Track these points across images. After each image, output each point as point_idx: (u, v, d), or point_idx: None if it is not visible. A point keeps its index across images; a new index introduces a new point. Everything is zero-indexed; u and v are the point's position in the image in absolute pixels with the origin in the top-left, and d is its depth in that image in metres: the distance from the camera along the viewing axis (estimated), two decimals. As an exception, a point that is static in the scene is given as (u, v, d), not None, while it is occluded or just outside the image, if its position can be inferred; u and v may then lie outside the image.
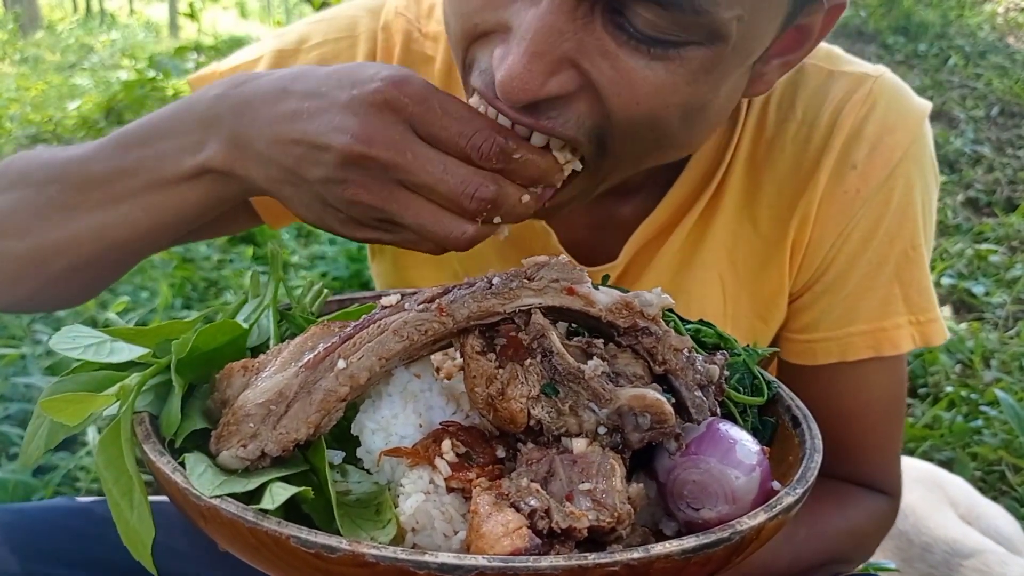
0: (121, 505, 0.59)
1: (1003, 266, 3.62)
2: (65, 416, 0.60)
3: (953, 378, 2.73)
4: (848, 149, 0.94)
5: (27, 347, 2.52)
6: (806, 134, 0.96)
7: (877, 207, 0.95)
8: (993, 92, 5.79)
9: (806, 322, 1.01)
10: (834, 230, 0.96)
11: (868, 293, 0.97)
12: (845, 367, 0.99)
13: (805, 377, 1.01)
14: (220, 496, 0.54)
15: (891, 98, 0.96)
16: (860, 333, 0.98)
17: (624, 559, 0.50)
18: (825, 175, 0.95)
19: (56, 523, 0.98)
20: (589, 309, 0.63)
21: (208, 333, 0.66)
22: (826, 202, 0.95)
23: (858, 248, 0.96)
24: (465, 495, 0.59)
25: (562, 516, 0.55)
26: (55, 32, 11.67)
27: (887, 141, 0.94)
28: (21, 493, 1.96)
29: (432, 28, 1.03)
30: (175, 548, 0.99)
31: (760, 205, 0.98)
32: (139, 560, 0.60)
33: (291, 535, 0.51)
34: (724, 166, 0.97)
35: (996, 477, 2.27)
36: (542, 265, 0.64)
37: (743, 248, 0.99)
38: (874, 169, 0.94)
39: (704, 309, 1.00)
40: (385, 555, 0.49)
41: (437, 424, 0.65)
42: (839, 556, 1.00)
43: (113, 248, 0.85)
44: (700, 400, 0.62)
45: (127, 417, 0.60)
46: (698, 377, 0.62)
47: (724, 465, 0.61)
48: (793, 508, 0.58)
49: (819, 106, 0.96)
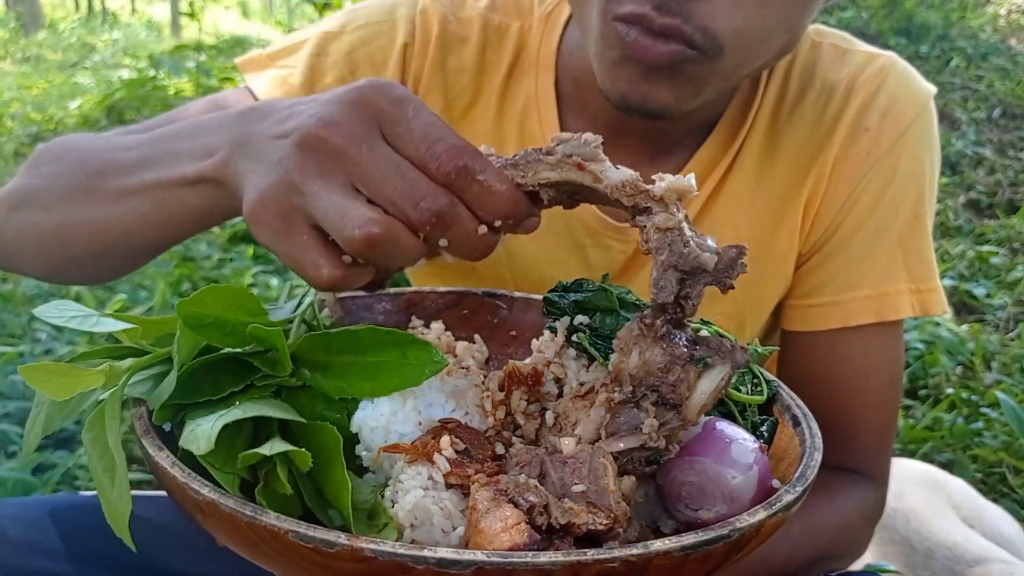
0: (104, 482, 0.60)
1: (1004, 268, 3.62)
2: (48, 388, 0.59)
3: (954, 380, 2.73)
4: (862, 114, 1.02)
5: (26, 345, 2.53)
6: (824, 101, 1.03)
7: (886, 171, 1.01)
8: (995, 94, 5.79)
9: (811, 286, 1.04)
10: (845, 190, 1.01)
11: (872, 259, 1.01)
12: (846, 333, 1.02)
13: (806, 345, 1.05)
14: (219, 493, 0.54)
15: (901, 73, 1.04)
16: (863, 298, 1.01)
17: (623, 555, 0.50)
18: (840, 137, 1.02)
19: (57, 517, 0.98)
20: (597, 186, 0.62)
21: (216, 293, 0.63)
22: (840, 162, 1.02)
23: (866, 210, 1.01)
24: (464, 491, 0.59)
25: (561, 512, 0.55)
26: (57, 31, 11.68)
27: (896, 109, 1.01)
28: (21, 491, 1.97)
29: (466, 14, 1.11)
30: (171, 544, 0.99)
31: (778, 165, 1.04)
32: (118, 534, 0.60)
33: (290, 530, 0.51)
34: (746, 129, 1.04)
35: (997, 479, 2.27)
36: (563, 141, 0.63)
37: (760, 206, 1.04)
38: (884, 133, 1.01)
39: None
40: (383, 550, 0.49)
41: (436, 421, 0.65)
42: (833, 550, 1.00)
43: (124, 238, 0.86)
44: (664, 283, 0.60)
45: (116, 397, 0.61)
46: (674, 259, 0.60)
47: (720, 465, 0.61)
48: (793, 506, 0.58)
49: (836, 77, 1.04)
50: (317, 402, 0.66)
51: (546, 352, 0.73)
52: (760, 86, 1.05)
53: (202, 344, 0.65)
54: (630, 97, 0.88)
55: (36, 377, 0.59)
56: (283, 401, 0.65)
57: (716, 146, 1.05)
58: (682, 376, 0.60)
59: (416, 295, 0.91)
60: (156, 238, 0.86)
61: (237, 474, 0.57)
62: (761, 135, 1.04)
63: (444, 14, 1.10)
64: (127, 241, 0.86)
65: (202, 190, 0.78)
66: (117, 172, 0.85)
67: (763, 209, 1.05)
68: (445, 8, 1.11)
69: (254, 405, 0.60)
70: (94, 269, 0.95)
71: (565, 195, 0.66)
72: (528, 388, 0.68)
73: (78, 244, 0.89)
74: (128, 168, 0.84)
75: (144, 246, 0.89)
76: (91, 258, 0.91)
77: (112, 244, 0.87)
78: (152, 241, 0.87)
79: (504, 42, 1.10)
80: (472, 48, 1.10)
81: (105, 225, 0.86)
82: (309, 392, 0.66)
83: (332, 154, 0.65)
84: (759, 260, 1.05)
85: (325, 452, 0.59)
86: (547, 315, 0.76)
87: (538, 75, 1.09)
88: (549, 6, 1.11)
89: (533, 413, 0.69)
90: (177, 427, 0.63)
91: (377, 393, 0.64)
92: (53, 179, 0.92)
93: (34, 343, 2.55)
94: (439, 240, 0.64)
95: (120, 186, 0.85)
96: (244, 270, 3.15)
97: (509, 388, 0.68)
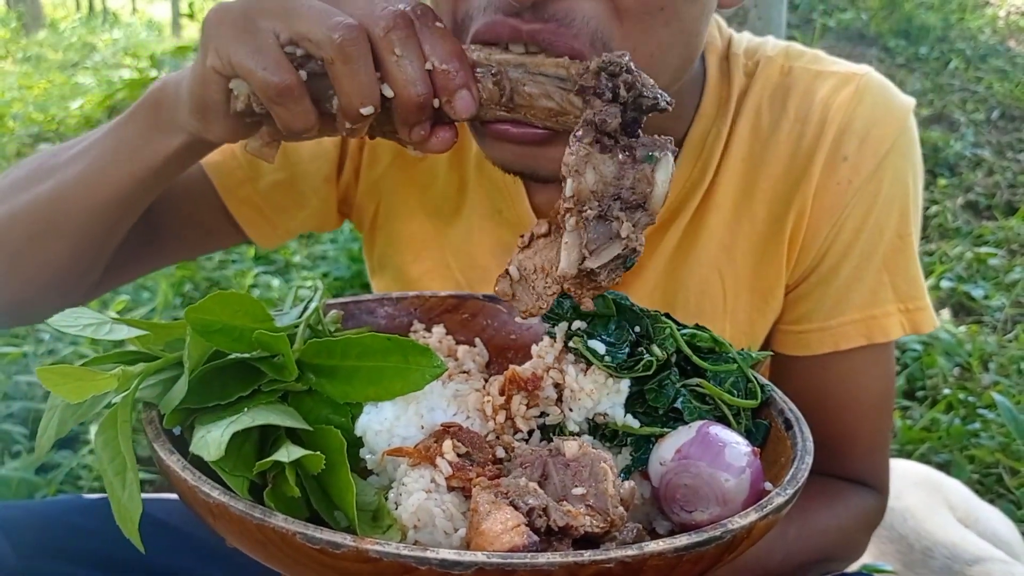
0: (115, 484, 0.62)
1: (1002, 269, 3.63)
2: (64, 391, 0.61)
3: (951, 381, 2.75)
4: (839, 142, 0.99)
5: (30, 345, 2.54)
6: (799, 131, 1.01)
7: (867, 197, 0.99)
8: (994, 96, 5.80)
9: (801, 313, 1.04)
10: (828, 221, 1.00)
11: (859, 283, 1.01)
12: (837, 357, 1.03)
13: (798, 368, 1.05)
14: (229, 496, 0.56)
15: (877, 94, 1.01)
16: (852, 322, 1.02)
17: (619, 556, 0.52)
18: (818, 168, 0.99)
19: (60, 519, 0.99)
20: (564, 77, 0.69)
21: (223, 300, 0.65)
22: (820, 194, 1.00)
23: (851, 238, 1.00)
24: (465, 494, 0.60)
25: (560, 514, 0.57)
26: (58, 31, 11.68)
27: (875, 133, 0.99)
28: (25, 491, 1.98)
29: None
30: (176, 546, 1.01)
31: (757, 201, 1.02)
32: (128, 536, 0.62)
33: (297, 531, 0.52)
34: (714, 164, 1.01)
35: (993, 480, 2.28)
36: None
37: (742, 244, 1.03)
38: (864, 160, 0.99)
39: (703, 304, 1.04)
40: (388, 551, 0.51)
41: (438, 425, 0.67)
42: (830, 554, 1.02)
43: (83, 191, 0.90)
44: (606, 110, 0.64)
45: (128, 401, 0.62)
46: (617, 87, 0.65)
47: (714, 468, 0.63)
48: (784, 508, 0.60)
49: (809, 104, 1.01)
50: (322, 406, 0.68)
51: (545, 357, 0.74)
52: (727, 115, 1.01)
53: (211, 350, 0.66)
54: (514, 168, 0.85)
55: (51, 380, 0.61)
56: (289, 405, 0.67)
57: (682, 181, 1.01)
58: (638, 176, 0.64)
59: (418, 299, 0.93)
60: (114, 178, 0.88)
61: (246, 477, 0.59)
62: (736, 171, 1.02)
63: None
64: (84, 197, 0.89)
65: (135, 119, 0.83)
66: (68, 147, 0.91)
67: (745, 248, 1.03)
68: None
69: (262, 412, 0.62)
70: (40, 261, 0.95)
71: (502, 93, 0.71)
72: (528, 393, 0.70)
73: (25, 223, 0.93)
74: (79, 142, 0.90)
75: (102, 198, 0.90)
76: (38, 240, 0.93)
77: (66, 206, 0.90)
78: (110, 184, 0.89)
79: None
80: None
81: (59, 190, 0.90)
82: (315, 396, 0.68)
83: None
84: (745, 297, 1.05)
85: (330, 455, 0.60)
86: (546, 320, 0.78)
87: None
88: None
89: (532, 418, 0.70)
90: (187, 430, 0.65)
91: (381, 398, 0.66)
92: (7, 176, 0.97)
93: (37, 344, 2.57)
94: (393, 63, 0.68)
95: (72, 154, 0.90)
96: (246, 271, 3.17)
97: (509, 393, 0.70)
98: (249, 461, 0.60)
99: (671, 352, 0.74)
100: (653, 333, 0.75)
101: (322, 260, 3.36)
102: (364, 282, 3.10)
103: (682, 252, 1.04)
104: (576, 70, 0.68)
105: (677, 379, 0.73)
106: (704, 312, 1.04)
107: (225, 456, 0.57)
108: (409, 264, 1.13)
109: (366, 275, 3.08)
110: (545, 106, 0.71)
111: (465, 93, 0.71)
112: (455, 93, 0.70)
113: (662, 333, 0.75)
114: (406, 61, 0.68)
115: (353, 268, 3.20)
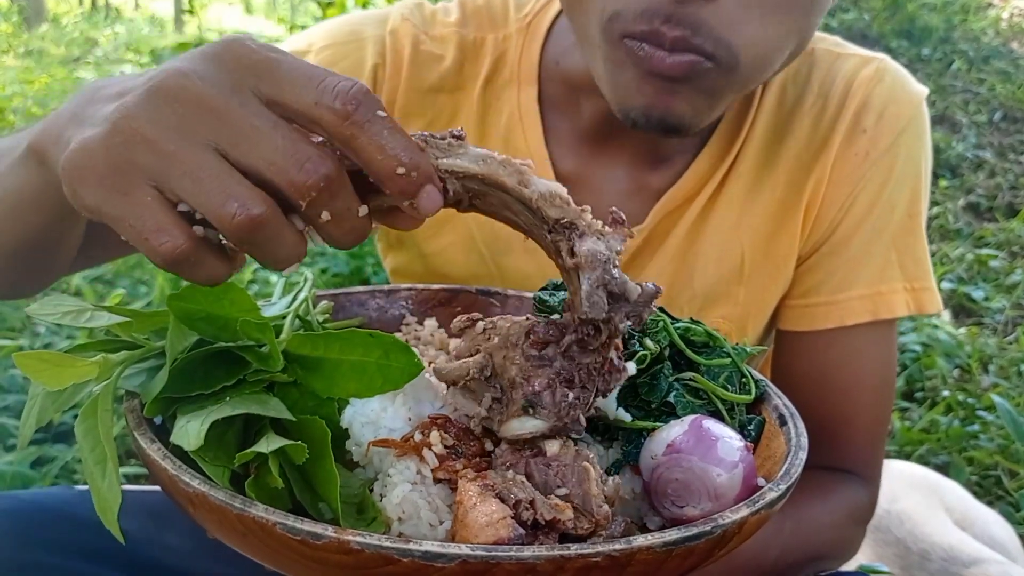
0: (95, 473, 0.61)
1: (1003, 271, 3.62)
2: (42, 377, 0.60)
3: (951, 382, 2.74)
4: (859, 115, 1.03)
5: (25, 339, 2.53)
6: (822, 105, 1.05)
7: (883, 171, 1.03)
8: (996, 97, 5.79)
9: (809, 286, 1.06)
10: (844, 191, 1.03)
11: (867, 259, 1.03)
12: (841, 333, 1.04)
13: (801, 345, 1.07)
14: (209, 485, 0.55)
15: (895, 75, 1.06)
16: (859, 297, 1.03)
17: (606, 550, 0.51)
18: (839, 138, 1.04)
19: (53, 510, 0.98)
20: (521, 189, 0.58)
21: (206, 288, 0.61)
22: (839, 164, 1.03)
23: (863, 211, 1.03)
24: (451, 486, 0.59)
25: (547, 508, 0.56)
26: (60, 25, 11.68)
27: (892, 110, 1.03)
28: (19, 484, 1.97)
29: (438, 31, 1.09)
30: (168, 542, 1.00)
31: (778, 171, 1.05)
32: (107, 526, 0.60)
33: (277, 522, 0.51)
34: (742, 137, 1.05)
35: (992, 482, 2.27)
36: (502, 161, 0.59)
37: (759, 211, 1.06)
38: (881, 134, 1.03)
39: (721, 269, 1.07)
40: (369, 543, 0.50)
41: (426, 417, 0.66)
42: (824, 550, 1.01)
43: None
44: (597, 299, 0.58)
45: (109, 389, 0.61)
46: (606, 279, 0.58)
47: (706, 463, 0.62)
48: (776, 504, 0.59)
49: (832, 81, 1.06)
50: (308, 398, 0.66)
51: (537, 350, 0.73)
52: (756, 95, 1.06)
53: (195, 338, 0.65)
54: (651, 112, 0.87)
55: (30, 365, 0.60)
56: (275, 396, 0.66)
57: (713, 155, 1.05)
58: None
59: (410, 291, 0.92)
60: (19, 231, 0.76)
61: (228, 467, 0.58)
62: (759, 143, 1.05)
63: (415, 34, 1.08)
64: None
65: (28, 167, 0.68)
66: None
67: (763, 215, 1.06)
68: (416, 28, 1.08)
69: (243, 402, 0.60)
70: None
71: (468, 195, 0.60)
72: None
73: None
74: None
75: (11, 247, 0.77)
76: None
77: None
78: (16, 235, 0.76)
79: (480, 56, 1.09)
80: (448, 66, 1.08)
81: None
82: (300, 388, 0.67)
83: (195, 106, 0.53)
84: (761, 264, 1.07)
85: (314, 446, 0.59)
86: (538, 313, 0.77)
87: (520, 88, 1.08)
88: (528, 16, 1.10)
89: None
90: (169, 420, 0.63)
91: (362, 394, 0.64)
92: None
93: (34, 337, 2.56)
94: (321, 214, 0.54)
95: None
96: (244, 266, 3.16)
97: None
98: (231, 451, 0.59)
99: (664, 345, 0.73)
100: (646, 326, 0.74)
101: (321, 256, 3.35)
102: (363, 278, 3.09)
103: (703, 219, 1.07)
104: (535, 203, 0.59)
105: (670, 373, 0.72)
106: (722, 277, 1.07)
107: (205, 446, 0.56)
108: (430, 239, 1.12)
109: (365, 271, 3.09)
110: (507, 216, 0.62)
111: (431, 189, 0.56)
112: (418, 195, 0.56)
113: (655, 326, 0.74)
114: (335, 224, 0.56)
115: (352, 264, 3.19)
